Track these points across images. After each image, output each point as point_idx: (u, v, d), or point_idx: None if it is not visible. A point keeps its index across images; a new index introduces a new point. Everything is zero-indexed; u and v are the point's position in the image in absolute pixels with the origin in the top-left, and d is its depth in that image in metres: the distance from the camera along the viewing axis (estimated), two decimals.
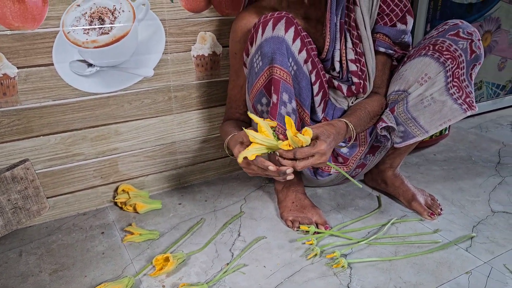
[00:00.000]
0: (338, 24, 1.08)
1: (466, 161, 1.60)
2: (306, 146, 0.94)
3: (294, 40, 1.01)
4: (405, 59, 1.16)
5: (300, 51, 1.02)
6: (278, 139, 0.95)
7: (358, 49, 1.11)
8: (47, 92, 1.12)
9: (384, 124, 1.11)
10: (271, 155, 0.97)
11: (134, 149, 1.30)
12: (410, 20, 1.13)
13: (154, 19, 1.19)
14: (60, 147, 1.18)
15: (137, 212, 1.26)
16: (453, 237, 1.14)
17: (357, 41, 1.11)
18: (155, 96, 1.27)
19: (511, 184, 1.42)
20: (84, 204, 1.27)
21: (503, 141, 1.77)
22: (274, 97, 1.03)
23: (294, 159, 0.93)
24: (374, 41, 1.13)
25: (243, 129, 0.94)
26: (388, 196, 1.35)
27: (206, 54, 1.30)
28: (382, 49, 1.14)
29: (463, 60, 1.06)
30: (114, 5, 1.12)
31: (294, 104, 1.05)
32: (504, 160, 1.60)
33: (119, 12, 1.14)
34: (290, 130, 0.93)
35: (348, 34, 1.11)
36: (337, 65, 1.12)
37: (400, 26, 1.12)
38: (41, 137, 1.15)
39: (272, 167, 0.92)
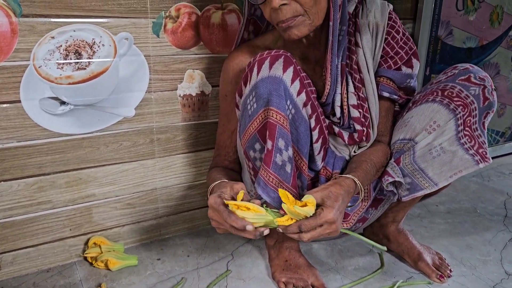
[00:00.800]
0: (339, 66, 0.99)
1: (471, 214, 1.49)
2: (311, 216, 0.83)
3: (293, 80, 0.91)
4: (410, 104, 1.07)
5: (299, 93, 0.92)
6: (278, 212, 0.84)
7: (360, 94, 1.02)
8: (12, 132, 0.99)
9: (390, 179, 1.00)
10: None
11: (109, 196, 1.16)
12: (416, 64, 1.04)
13: (137, 54, 1.09)
14: (24, 194, 1.04)
15: (109, 269, 1.11)
16: None
17: (360, 85, 1.02)
18: (135, 138, 1.15)
19: None
20: (48, 259, 1.12)
21: (508, 191, 1.68)
22: (269, 143, 0.91)
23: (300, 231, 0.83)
24: (377, 85, 1.04)
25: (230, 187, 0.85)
26: (391, 253, 1.22)
27: (194, 94, 1.20)
28: (386, 94, 1.04)
29: (475, 107, 0.96)
30: (93, 39, 1.02)
31: (290, 151, 0.93)
32: (511, 213, 1.49)
33: (99, 46, 1.03)
34: (287, 203, 0.82)
35: (350, 78, 1.02)
36: (337, 111, 1.01)
37: (405, 69, 1.03)
38: (2, 182, 1.01)
39: (250, 226, 0.80)
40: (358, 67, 1.02)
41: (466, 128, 0.97)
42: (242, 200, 0.84)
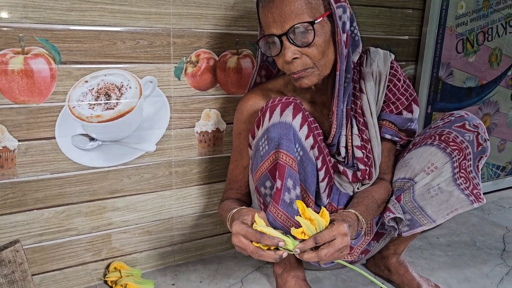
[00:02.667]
0: (344, 110, 1.09)
1: (470, 247, 1.55)
2: (323, 230, 0.89)
3: (301, 126, 1.01)
4: (410, 146, 1.16)
5: (307, 137, 1.02)
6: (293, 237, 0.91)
7: (364, 136, 1.11)
8: (46, 165, 1.09)
9: (392, 215, 1.08)
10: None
11: (129, 224, 1.25)
12: (416, 109, 1.14)
13: (160, 95, 1.20)
14: (53, 221, 1.14)
15: None
16: None
17: (363, 128, 1.11)
18: (155, 171, 1.25)
19: None
20: (72, 281, 1.21)
21: (507, 225, 1.74)
22: (279, 183, 1.01)
23: (315, 248, 0.89)
24: (380, 128, 1.13)
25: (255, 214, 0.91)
26: (392, 284, 1.29)
27: (210, 131, 1.30)
28: (388, 136, 1.13)
29: (469, 152, 1.05)
30: (121, 82, 1.13)
31: (298, 190, 1.02)
32: (509, 247, 1.55)
33: (126, 89, 1.14)
34: (304, 214, 0.89)
35: (354, 121, 1.12)
36: (342, 151, 1.11)
37: (406, 114, 1.13)
38: (35, 210, 1.11)
39: (282, 243, 0.87)
40: (362, 111, 1.12)
41: (462, 171, 1.06)
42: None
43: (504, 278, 1.35)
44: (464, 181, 1.05)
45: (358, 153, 1.11)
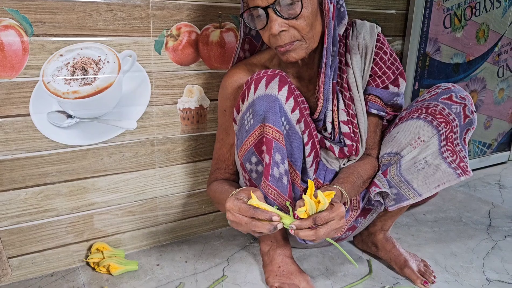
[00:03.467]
0: (330, 85, 1.06)
1: (457, 223, 1.55)
2: (323, 211, 0.88)
3: (287, 99, 0.97)
4: (397, 120, 1.14)
5: (293, 111, 0.99)
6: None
7: (350, 111, 1.09)
8: (21, 143, 1.05)
9: (377, 190, 1.07)
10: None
11: (111, 204, 1.22)
12: (402, 83, 1.11)
13: (140, 71, 1.16)
14: (31, 202, 1.10)
15: (110, 274, 1.17)
16: None
17: (350, 103, 1.09)
18: (137, 149, 1.21)
19: (504, 249, 1.38)
20: (53, 264, 1.17)
21: (492, 201, 1.75)
22: (267, 158, 0.98)
23: (314, 227, 0.88)
24: (366, 103, 1.11)
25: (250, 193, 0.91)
26: (379, 260, 1.28)
27: (193, 107, 1.26)
28: (374, 111, 1.11)
29: (456, 124, 1.03)
30: (99, 56, 1.08)
31: (286, 165, 1.00)
32: (494, 223, 1.56)
33: (104, 63, 1.10)
34: (310, 195, 0.88)
35: (340, 95, 1.09)
36: (329, 126, 1.08)
37: (392, 88, 1.10)
38: (11, 191, 1.06)
39: (276, 217, 0.86)
40: (348, 85, 1.09)
41: (448, 144, 1.04)
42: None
43: (490, 252, 1.36)
44: (451, 154, 1.04)
45: (345, 128, 1.08)
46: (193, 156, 1.31)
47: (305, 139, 1.04)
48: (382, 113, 1.12)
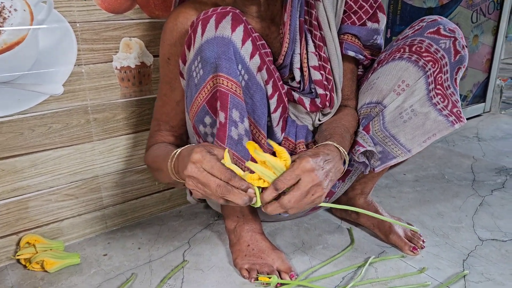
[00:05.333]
0: (297, 22, 0.87)
1: (439, 180, 1.43)
2: (284, 172, 0.73)
3: (243, 41, 0.78)
4: (375, 64, 0.97)
5: (252, 56, 0.80)
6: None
7: (322, 54, 0.91)
8: None
9: (362, 149, 0.90)
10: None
11: (41, 188, 1.01)
12: (382, 18, 0.94)
13: (60, 21, 0.93)
14: None
15: (46, 271, 0.97)
16: (443, 277, 0.94)
17: (321, 44, 0.90)
18: (67, 120, 0.99)
19: (493, 204, 1.26)
20: None
21: (473, 155, 1.64)
22: (222, 116, 0.79)
23: (278, 196, 0.73)
24: (341, 44, 0.93)
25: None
26: (361, 228, 1.14)
27: (133, 66, 1.05)
28: (351, 53, 0.94)
29: (446, 62, 0.87)
30: (2, 2, 0.85)
31: (247, 123, 0.81)
32: (479, 177, 1.44)
33: (10, 12, 0.86)
34: (257, 157, 0.71)
35: (309, 36, 0.90)
36: (297, 73, 0.90)
37: (371, 25, 0.93)
38: None
39: (252, 190, 0.71)
40: (318, 23, 0.91)
41: (438, 86, 0.88)
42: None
43: (478, 209, 1.24)
44: (442, 99, 0.88)
45: (316, 75, 0.90)
46: (138, 124, 1.10)
47: (269, 91, 0.86)
48: (360, 56, 0.95)
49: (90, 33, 0.97)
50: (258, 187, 0.73)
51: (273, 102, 0.87)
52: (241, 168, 0.79)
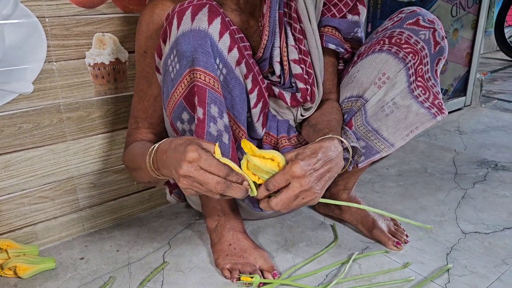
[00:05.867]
0: (277, 15, 0.85)
1: (422, 174, 1.43)
2: (276, 174, 0.72)
3: (221, 34, 0.76)
4: (355, 58, 0.96)
5: (230, 49, 0.77)
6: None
7: (302, 47, 0.88)
8: None
9: (345, 145, 0.89)
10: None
11: (13, 191, 0.96)
12: (363, 11, 0.93)
13: (28, 16, 0.89)
14: None
15: (20, 277, 0.93)
16: (427, 272, 0.93)
17: (301, 37, 0.88)
18: (38, 119, 0.95)
19: (475, 197, 1.26)
20: None
21: (455, 148, 1.64)
22: (200, 111, 0.76)
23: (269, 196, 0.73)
24: (321, 37, 0.91)
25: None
26: (344, 224, 1.13)
27: (107, 62, 1.01)
28: (332, 46, 0.92)
29: (426, 54, 0.86)
30: None
31: (226, 119, 0.79)
32: (461, 170, 1.45)
33: None
34: (251, 153, 0.72)
35: (289, 29, 0.88)
36: (277, 67, 0.88)
37: (351, 17, 0.92)
38: None
39: (247, 182, 0.70)
40: (298, 15, 0.89)
41: (419, 78, 0.87)
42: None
43: (461, 202, 1.24)
44: (423, 92, 0.87)
45: (296, 69, 0.88)
46: (114, 123, 1.07)
47: (249, 86, 0.84)
48: (341, 49, 0.93)
49: (61, 28, 0.93)
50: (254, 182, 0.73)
51: (253, 97, 0.85)
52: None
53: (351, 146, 0.87)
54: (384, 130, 0.89)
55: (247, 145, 0.71)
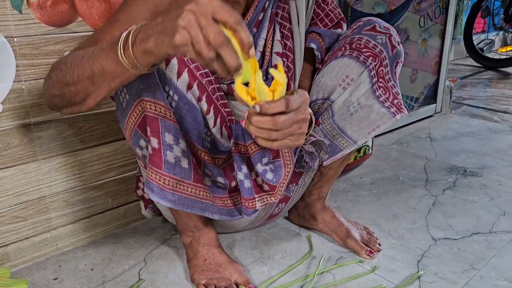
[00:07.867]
0: (269, 12, 0.90)
1: (394, 182, 1.46)
2: (293, 94, 0.67)
3: (167, 61, 0.77)
4: (320, 66, 0.99)
5: (179, 75, 0.78)
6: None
7: (288, 43, 0.93)
8: None
9: (312, 138, 0.92)
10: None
11: None
12: (344, 27, 1.01)
13: None
14: None
15: None
16: (399, 279, 0.96)
17: (289, 34, 0.93)
18: (8, 139, 0.94)
19: (445, 203, 1.30)
20: None
21: (426, 155, 1.68)
22: (154, 141, 0.77)
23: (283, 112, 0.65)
24: (305, 41, 0.97)
25: None
26: (319, 234, 1.14)
27: None
28: (313, 45, 0.96)
29: (385, 56, 0.91)
30: None
31: (183, 144, 0.80)
32: (431, 177, 1.49)
33: None
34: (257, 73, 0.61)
35: (278, 27, 0.93)
36: (257, 55, 0.90)
37: (335, 30, 0.99)
38: None
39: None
40: (290, 18, 0.93)
41: (380, 79, 0.92)
42: None
43: (431, 208, 1.27)
44: (384, 92, 0.91)
45: (278, 61, 0.91)
46: (88, 140, 1.06)
47: (204, 108, 0.84)
48: (319, 54, 0.97)
49: (30, 47, 0.93)
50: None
51: (211, 116, 0.85)
52: (186, 187, 0.80)
53: (318, 140, 0.90)
54: (349, 128, 0.92)
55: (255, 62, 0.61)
